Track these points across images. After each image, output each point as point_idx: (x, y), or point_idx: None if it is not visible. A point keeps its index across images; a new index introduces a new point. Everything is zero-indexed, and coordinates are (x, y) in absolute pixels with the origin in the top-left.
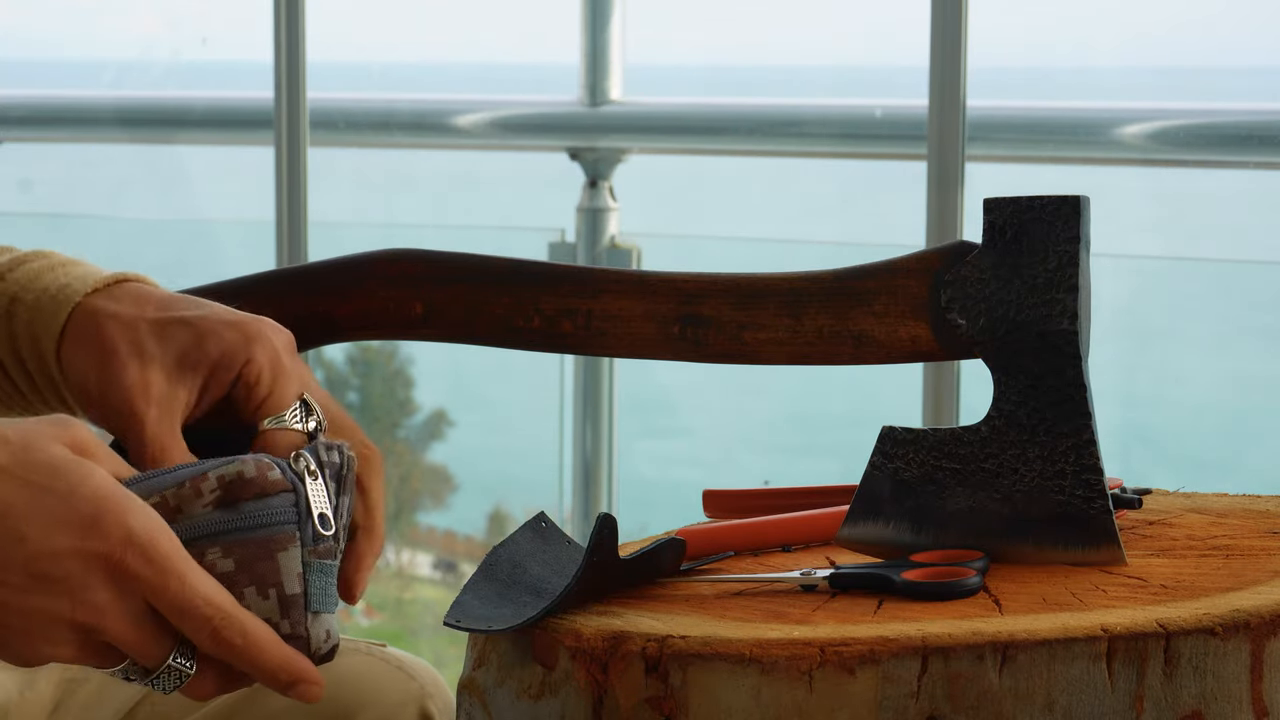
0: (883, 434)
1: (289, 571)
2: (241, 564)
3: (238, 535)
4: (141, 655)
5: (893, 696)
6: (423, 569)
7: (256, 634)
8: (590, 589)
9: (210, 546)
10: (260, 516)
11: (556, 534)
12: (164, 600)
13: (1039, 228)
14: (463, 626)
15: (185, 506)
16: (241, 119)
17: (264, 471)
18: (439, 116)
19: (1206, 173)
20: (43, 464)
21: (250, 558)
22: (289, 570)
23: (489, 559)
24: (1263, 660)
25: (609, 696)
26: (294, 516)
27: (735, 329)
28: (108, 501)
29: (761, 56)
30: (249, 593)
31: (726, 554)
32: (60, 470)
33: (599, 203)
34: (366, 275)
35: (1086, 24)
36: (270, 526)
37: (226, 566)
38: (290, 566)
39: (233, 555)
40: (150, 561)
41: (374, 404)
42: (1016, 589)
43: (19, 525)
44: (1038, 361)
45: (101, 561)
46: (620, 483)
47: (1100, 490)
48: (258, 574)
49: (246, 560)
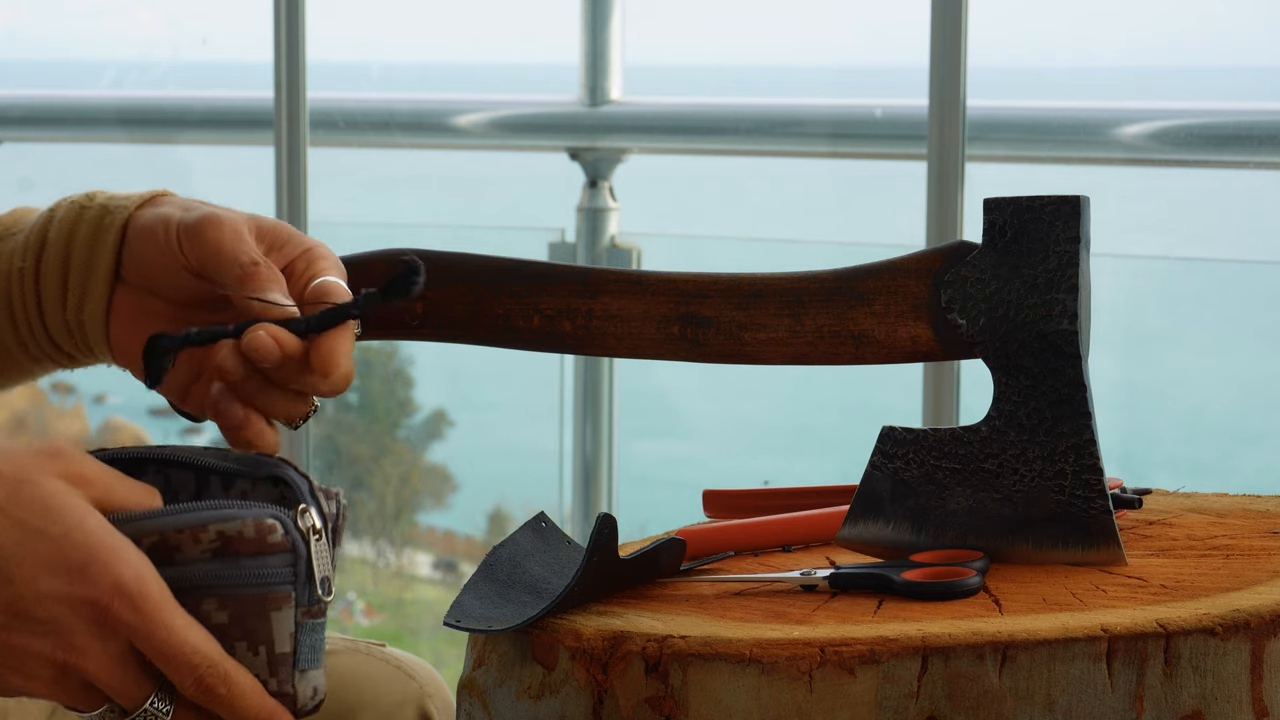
0: (883, 434)
1: (281, 630)
2: (235, 619)
3: (234, 590)
4: (121, 696)
5: (893, 696)
6: (423, 569)
7: (241, 684)
8: (590, 589)
9: (206, 597)
10: (257, 574)
11: (556, 534)
12: (149, 646)
13: (1039, 228)
14: (463, 626)
15: (184, 548)
16: (241, 119)
17: (264, 535)
18: (439, 116)
19: (1206, 173)
20: (37, 503)
21: (244, 613)
22: (282, 629)
23: (489, 559)
24: (1263, 660)
25: (609, 696)
26: (291, 577)
27: (735, 329)
28: (99, 549)
29: (761, 56)
30: (240, 647)
31: (726, 554)
32: (54, 512)
33: (599, 203)
34: (362, 276)
35: (1086, 24)
36: (267, 585)
37: (220, 619)
38: (283, 626)
39: (227, 609)
40: (138, 610)
41: (374, 404)
42: (1016, 589)
43: (6, 566)
44: (1038, 361)
45: (88, 607)
46: (620, 483)
47: (1100, 490)
48: (250, 629)
49: (240, 616)
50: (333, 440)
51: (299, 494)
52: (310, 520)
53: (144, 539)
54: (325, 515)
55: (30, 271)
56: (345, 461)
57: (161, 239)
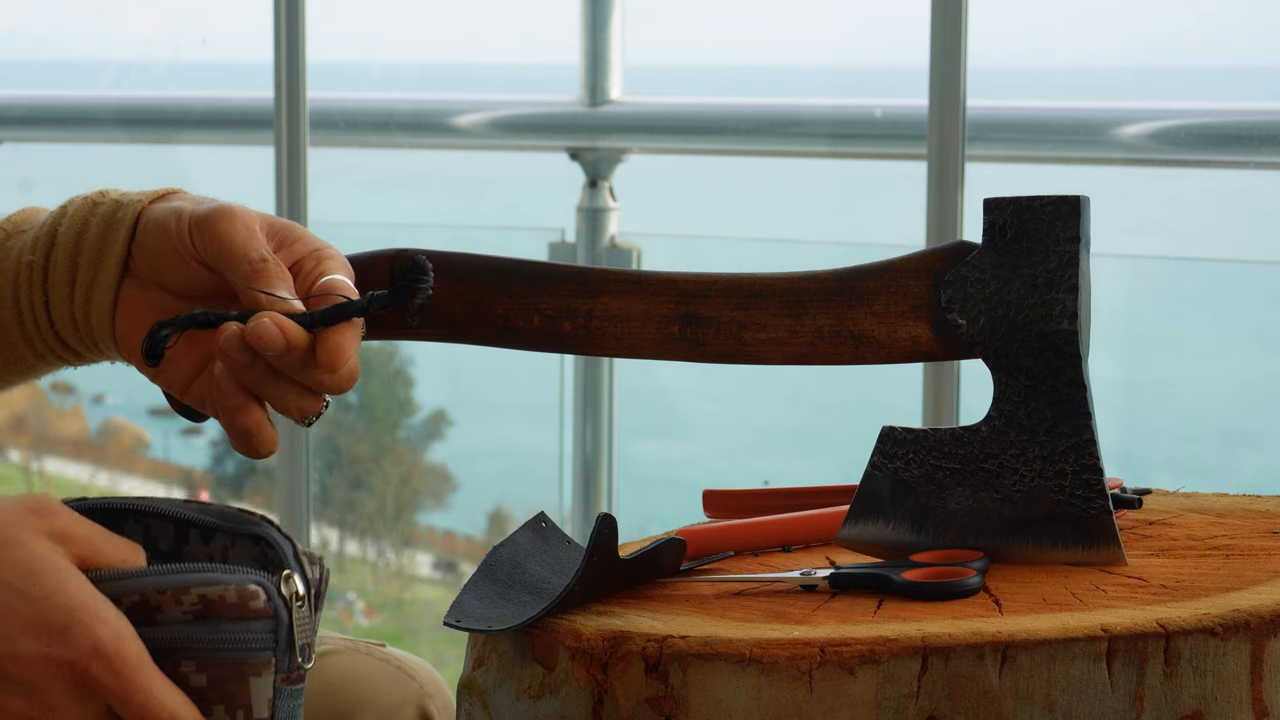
0: (883, 434)
1: (260, 695)
2: (214, 682)
3: (214, 654)
4: None
5: (893, 696)
6: (423, 569)
7: None
8: (590, 589)
9: (185, 660)
10: (238, 639)
11: (556, 534)
12: (127, 710)
13: (1039, 228)
14: (463, 626)
15: (165, 609)
16: (241, 119)
17: (246, 600)
18: (439, 116)
19: (1206, 173)
20: (20, 563)
21: (223, 677)
22: (260, 694)
23: (489, 559)
24: (1263, 660)
25: (609, 696)
26: (272, 643)
27: (735, 329)
28: (80, 612)
29: (761, 56)
30: (217, 710)
31: (726, 554)
32: (37, 573)
33: (599, 203)
34: (367, 275)
35: (1086, 24)
36: (247, 650)
37: (199, 681)
38: (262, 691)
39: (206, 672)
40: (116, 673)
41: (374, 404)
42: (1016, 589)
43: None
44: (1038, 361)
45: (66, 669)
46: (620, 483)
47: (1100, 490)
48: (228, 693)
49: (219, 679)
50: (333, 440)
51: (283, 558)
52: (294, 586)
53: (125, 598)
54: (309, 581)
55: (39, 265)
56: (345, 461)
57: (173, 230)
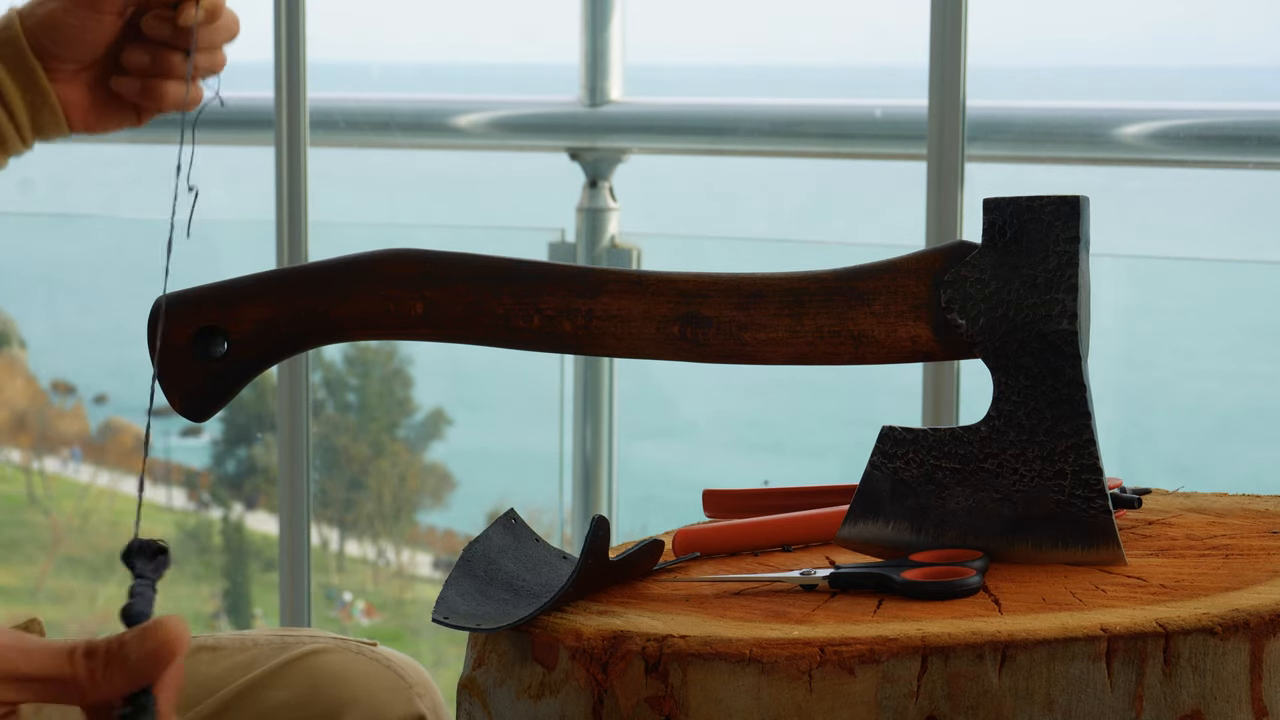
0: (883, 434)
1: None
2: None
3: None
4: None
5: (892, 696)
6: (423, 569)
7: None
8: (581, 589)
9: None
10: None
11: (525, 531)
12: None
13: (1039, 228)
14: (451, 623)
15: None
16: (241, 119)
17: None
18: (439, 116)
19: (1206, 173)
20: None
21: None
22: None
23: (465, 554)
24: (1262, 660)
25: (609, 696)
26: None
27: (735, 329)
28: None
29: (761, 57)
30: None
31: (693, 555)
32: None
33: (599, 203)
34: (367, 275)
35: (1087, 24)
36: None
37: None
38: None
39: None
40: None
41: (373, 404)
42: (1016, 589)
43: None
44: (1038, 361)
45: None
46: (620, 483)
47: (1100, 490)
48: None
49: None
50: (331, 440)
51: None
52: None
53: None
54: None
55: None
56: (344, 461)
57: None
